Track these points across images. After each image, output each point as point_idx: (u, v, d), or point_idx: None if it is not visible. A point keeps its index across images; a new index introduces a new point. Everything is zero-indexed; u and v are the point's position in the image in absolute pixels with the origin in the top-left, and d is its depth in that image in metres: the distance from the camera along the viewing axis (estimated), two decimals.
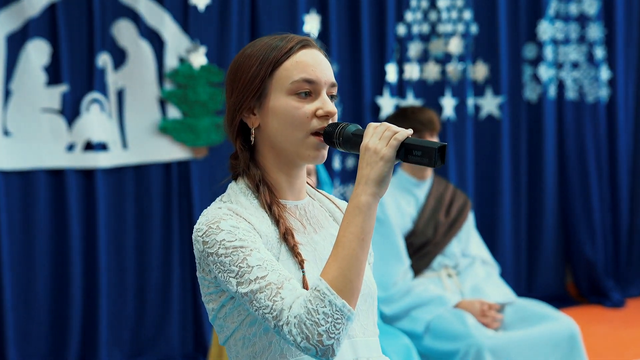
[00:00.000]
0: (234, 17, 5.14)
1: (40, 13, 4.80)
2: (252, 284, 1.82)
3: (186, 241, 5.09)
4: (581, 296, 6.23)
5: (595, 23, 6.08)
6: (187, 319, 5.14)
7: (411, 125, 4.48)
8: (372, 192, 1.84)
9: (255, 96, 1.97)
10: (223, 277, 1.86)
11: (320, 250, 2.00)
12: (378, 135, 1.86)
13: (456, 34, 5.73)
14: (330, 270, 1.80)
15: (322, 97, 1.97)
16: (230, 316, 1.94)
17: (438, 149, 1.81)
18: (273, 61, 1.96)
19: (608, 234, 6.25)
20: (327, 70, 2.00)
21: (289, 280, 1.83)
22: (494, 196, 5.93)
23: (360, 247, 1.82)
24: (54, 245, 4.89)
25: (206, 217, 1.92)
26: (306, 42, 2.01)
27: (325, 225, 2.06)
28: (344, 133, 1.93)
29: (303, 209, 2.05)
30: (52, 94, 4.84)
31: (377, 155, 1.84)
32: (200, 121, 5.06)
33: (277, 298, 1.80)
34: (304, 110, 1.95)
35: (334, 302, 1.77)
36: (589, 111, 6.13)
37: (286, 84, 1.95)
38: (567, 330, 4.14)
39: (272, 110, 1.97)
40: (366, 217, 1.83)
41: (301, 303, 1.78)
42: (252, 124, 1.99)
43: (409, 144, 1.84)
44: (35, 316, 4.87)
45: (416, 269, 4.49)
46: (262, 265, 1.83)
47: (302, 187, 2.06)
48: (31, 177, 4.83)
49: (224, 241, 1.86)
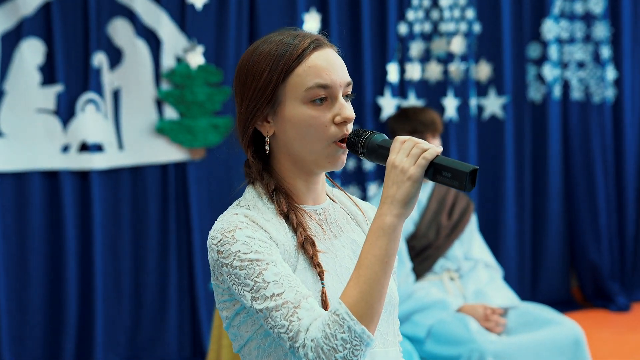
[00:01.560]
0: (232, 15, 5.13)
1: (34, 12, 4.80)
2: (267, 301, 1.79)
3: (183, 243, 5.10)
4: (586, 300, 6.22)
5: (601, 22, 6.05)
6: (184, 323, 5.14)
7: (412, 126, 4.51)
8: (397, 213, 1.79)
9: (269, 104, 1.92)
10: (237, 289, 1.83)
11: (340, 257, 1.96)
12: (406, 152, 1.80)
13: (459, 33, 5.72)
14: (351, 293, 1.76)
15: (339, 102, 1.92)
16: (244, 325, 1.91)
17: (470, 172, 1.75)
18: (284, 68, 1.90)
19: (614, 236, 6.22)
20: (342, 70, 1.94)
21: (307, 298, 1.79)
22: (498, 198, 5.92)
23: (383, 270, 1.77)
24: (49, 248, 4.89)
25: (221, 223, 1.88)
26: (318, 42, 1.94)
27: (346, 229, 2.03)
28: (369, 144, 1.88)
29: (323, 213, 2.01)
30: (47, 94, 4.84)
31: (404, 175, 1.79)
32: (198, 122, 5.05)
33: (293, 318, 1.77)
34: (322, 120, 1.90)
35: (354, 329, 1.73)
36: (594, 112, 6.10)
37: (300, 91, 1.90)
38: (572, 334, 4.12)
39: (288, 119, 1.91)
40: (391, 239, 1.79)
41: (319, 326, 1.75)
42: (267, 132, 1.95)
43: (439, 164, 1.79)
44: (30, 320, 4.87)
45: (418, 272, 4.47)
46: (278, 281, 1.80)
47: (322, 191, 2.02)
48: (25, 179, 4.83)
49: (239, 253, 1.82)
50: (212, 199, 5.11)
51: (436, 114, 4.61)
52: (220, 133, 5.09)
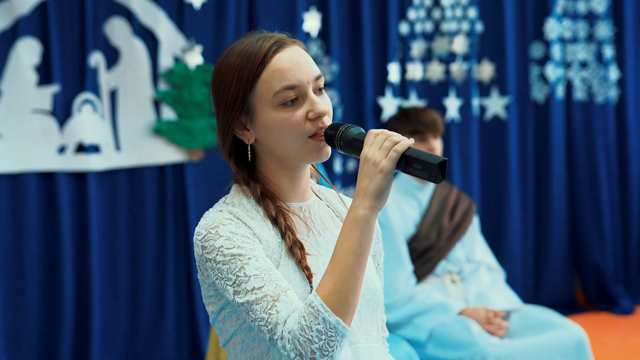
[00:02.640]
0: (231, 15, 5.13)
1: (30, 11, 4.79)
2: (248, 295, 1.83)
3: (181, 246, 5.10)
4: (589, 303, 6.22)
5: (604, 21, 6.05)
6: (182, 325, 5.14)
7: (414, 126, 4.50)
8: (370, 205, 1.83)
9: (242, 114, 1.97)
10: (220, 284, 1.88)
11: (324, 254, 2.00)
12: (378, 145, 1.84)
13: (461, 32, 5.72)
14: (326, 286, 1.80)
15: (310, 98, 1.95)
16: (229, 319, 1.96)
17: (439, 164, 1.79)
18: (249, 76, 1.94)
19: (618, 238, 6.22)
20: (307, 67, 1.96)
21: (286, 292, 1.84)
22: (500, 200, 5.92)
23: (357, 262, 1.81)
24: (45, 250, 4.88)
25: (206, 220, 1.94)
26: (278, 43, 1.96)
27: (330, 226, 2.06)
28: (344, 137, 1.92)
29: (308, 210, 2.05)
30: (43, 94, 4.83)
31: (376, 167, 1.83)
32: (196, 122, 5.06)
33: (272, 311, 1.81)
34: (295, 119, 1.94)
35: (328, 320, 1.78)
36: (598, 112, 6.11)
37: (269, 96, 1.94)
38: (575, 338, 4.10)
39: (264, 125, 1.96)
40: (364, 231, 1.83)
41: (295, 318, 1.79)
42: (248, 140, 2.00)
43: (410, 157, 1.83)
44: (26, 323, 4.86)
45: (419, 274, 4.45)
46: (259, 275, 1.84)
47: (306, 187, 2.06)
48: (21, 180, 4.82)
49: (222, 248, 1.87)
50: (210, 200, 5.05)
51: (437, 115, 4.61)
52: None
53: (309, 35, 5.31)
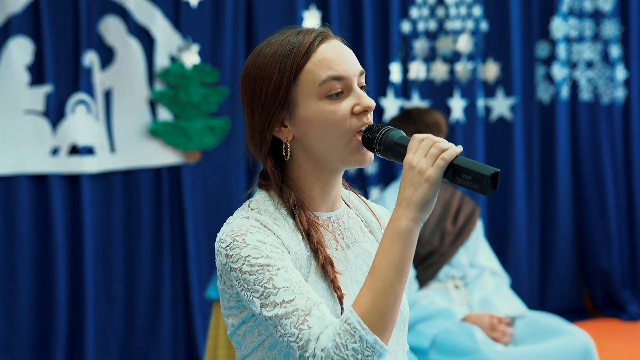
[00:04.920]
0: (229, 13, 5.15)
1: (22, 9, 4.82)
2: (277, 308, 1.76)
3: (177, 250, 5.11)
4: (596, 309, 6.21)
5: (610, 20, 6.04)
6: (178, 332, 5.14)
7: (416, 127, 4.49)
8: (413, 216, 1.74)
9: (284, 108, 1.88)
10: (246, 295, 1.80)
11: (352, 269, 1.93)
12: (424, 152, 1.76)
13: (465, 31, 5.72)
14: (364, 301, 1.73)
15: (356, 92, 1.87)
16: (250, 335, 1.88)
17: (491, 175, 1.72)
18: (294, 66, 1.86)
19: (625, 243, 6.22)
20: (352, 60, 1.90)
21: (318, 306, 1.76)
22: (506, 203, 5.92)
23: (398, 277, 1.74)
24: (38, 255, 4.89)
25: (231, 226, 1.85)
26: (323, 34, 1.91)
27: (359, 238, 1.99)
28: (385, 140, 1.84)
29: (337, 220, 1.97)
30: (36, 94, 4.83)
31: (421, 176, 1.75)
32: (193, 124, 5.05)
33: (304, 326, 1.73)
34: (341, 112, 1.86)
35: (365, 338, 1.70)
36: (604, 113, 6.11)
37: (314, 87, 1.85)
38: (582, 345, 4.09)
39: (306, 119, 1.87)
40: (406, 243, 1.75)
41: (330, 335, 1.72)
42: (286, 137, 1.90)
43: (459, 166, 1.75)
44: (18, 329, 4.86)
45: (421, 280, 4.43)
46: (289, 287, 1.77)
47: (337, 196, 1.98)
48: (13, 183, 4.83)
49: (249, 257, 1.79)
50: (207, 204, 5.15)
51: (440, 115, 4.61)
52: (216, 135, 5.11)
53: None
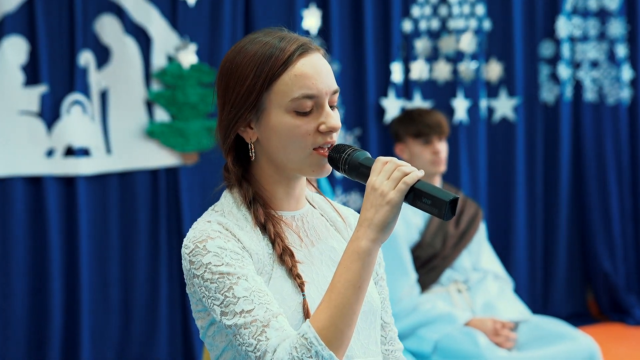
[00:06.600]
0: (227, 12, 5.11)
1: (17, 8, 4.77)
2: (236, 317, 1.82)
3: (174, 254, 5.08)
4: (602, 313, 6.18)
5: (616, 19, 5.99)
6: (175, 336, 5.12)
7: (418, 128, 4.53)
8: (373, 237, 1.81)
9: (252, 111, 1.94)
10: (208, 302, 1.87)
11: (318, 265, 1.98)
12: (386, 175, 1.82)
13: (468, 30, 5.67)
14: (321, 317, 1.79)
15: (325, 111, 1.93)
16: (218, 335, 1.94)
17: (450, 201, 1.78)
18: (270, 74, 1.92)
19: (629, 246, 6.17)
20: (328, 78, 1.95)
21: (277, 317, 1.82)
22: (508, 205, 5.88)
23: (356, 295, 1.80)
24: (32, 258, 4.85)
25: (194, 232, 1.92)
26: (304, 47, 1.95)
27: (324, 236, 2.05)
28: (350, 161, 1.91)
29: (301, 219, 2.03)
30: (30, 95, 4.80)
31: (383, 199, 1.81)
32: (190, 124, 5.03)
33: (262, 337, 1.80)
34: (305, 129, 1.92)
35: (321, 354, 1.77)
36: (609, 114, 6.05)
37: (285, 100, 1.91)
38: (586, 350, 4.10)
39: (271, 127, 1.94)
40: (365, 264, 1.81)
41: (286, 348, 1.78)
42: (250, 138, 1.98)
43: (419, 190, 1.81)
44: (12, 334, 4.83)
45: (423, 284, 4.43)
46: (248, 297, 1.83)
47: (300, 195, 2.05)
48: (7, 185, 4.79)
49: (210, 265, 1.86)
50: (205, 206, 4.90)
51: (442, 116, 4.61)
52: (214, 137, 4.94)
53: (308, 33, 5.31)
